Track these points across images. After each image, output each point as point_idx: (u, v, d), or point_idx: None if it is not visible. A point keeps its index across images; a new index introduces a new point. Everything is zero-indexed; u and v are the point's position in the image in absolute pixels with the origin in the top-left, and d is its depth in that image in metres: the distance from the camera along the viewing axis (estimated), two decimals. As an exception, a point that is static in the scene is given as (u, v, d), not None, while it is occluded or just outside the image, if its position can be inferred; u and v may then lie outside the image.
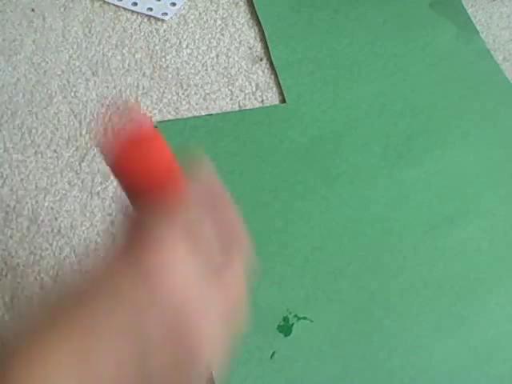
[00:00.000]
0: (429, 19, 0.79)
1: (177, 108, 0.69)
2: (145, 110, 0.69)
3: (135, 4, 0.79)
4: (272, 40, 0.76)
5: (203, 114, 0.69)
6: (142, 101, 0.70)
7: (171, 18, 0.78)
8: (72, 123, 0.67)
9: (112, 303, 0.28)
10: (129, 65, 0.73)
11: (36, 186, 0.62)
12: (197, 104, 0.70)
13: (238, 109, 0.70)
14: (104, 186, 0.63)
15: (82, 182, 0.63)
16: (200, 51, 0.75)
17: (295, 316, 0.55)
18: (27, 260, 0.58)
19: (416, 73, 0.73)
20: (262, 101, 0.70)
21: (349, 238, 0.60)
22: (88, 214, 0.61)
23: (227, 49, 0.75)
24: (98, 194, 0.62)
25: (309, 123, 0.68)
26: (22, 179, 0.63)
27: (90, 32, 0.76)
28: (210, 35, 0.77)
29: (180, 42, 0.76)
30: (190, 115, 0.69)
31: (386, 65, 0.74)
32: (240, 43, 0.76)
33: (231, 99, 0.70)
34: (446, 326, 0.55)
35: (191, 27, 0.77)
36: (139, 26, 0.77)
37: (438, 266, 0.58)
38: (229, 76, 0.73)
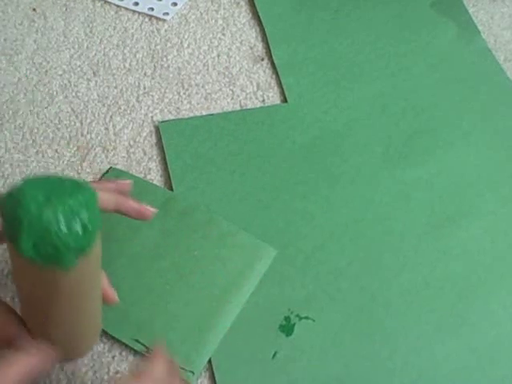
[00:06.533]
0: (430, 19, 0.79)
1: (178, 108, 0.69)
2: (146, 110, 0.69)
3: (136, 4, 0.79)
4: (273, 40, 0.76)
5: (204, 113, 0.69)
6: (143, 100, 0.70)
7: (172, 17, 0.78)
8: (73, 123, 0.67)
9: None
10: (130, 64, 0.73)
11: (37, 186, 0.62)
12: (198, 104, 0.70)
13: (239, 108, 0.70)
14: (105, 185, 0.63)
15: (83, 182, 0.63)
16: (201, 51, 0.75)
17: (297, 316, 0.55)
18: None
19: (417, 73, 0.73)
20: (264, 101, 0.70)
21: (350, 238, 0.60)
22: (89, 214, 0.61)
23: (228, 48, 0.75)
24: (99, 193, 0.62)
25: (310, 123, 0.68)
26: (23, 179, 0.63)
27: (91, 32, 0.76)
28: (211, 35, 0.77)
29: (181, 42, 0.76)
30: (191, 115, 0.69)
31: (387, 65, 0.74)
32: (241, 43, 0.76)
33: (232, 99, 0.70)
34: (447, 326, 0.55)
35: (192, 27, 0.77)
36: (140, 25, 0.77)
37: (440, 266, 0.58)
38: (230, 76, 0.73)
